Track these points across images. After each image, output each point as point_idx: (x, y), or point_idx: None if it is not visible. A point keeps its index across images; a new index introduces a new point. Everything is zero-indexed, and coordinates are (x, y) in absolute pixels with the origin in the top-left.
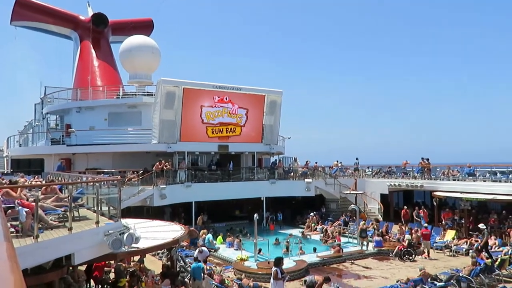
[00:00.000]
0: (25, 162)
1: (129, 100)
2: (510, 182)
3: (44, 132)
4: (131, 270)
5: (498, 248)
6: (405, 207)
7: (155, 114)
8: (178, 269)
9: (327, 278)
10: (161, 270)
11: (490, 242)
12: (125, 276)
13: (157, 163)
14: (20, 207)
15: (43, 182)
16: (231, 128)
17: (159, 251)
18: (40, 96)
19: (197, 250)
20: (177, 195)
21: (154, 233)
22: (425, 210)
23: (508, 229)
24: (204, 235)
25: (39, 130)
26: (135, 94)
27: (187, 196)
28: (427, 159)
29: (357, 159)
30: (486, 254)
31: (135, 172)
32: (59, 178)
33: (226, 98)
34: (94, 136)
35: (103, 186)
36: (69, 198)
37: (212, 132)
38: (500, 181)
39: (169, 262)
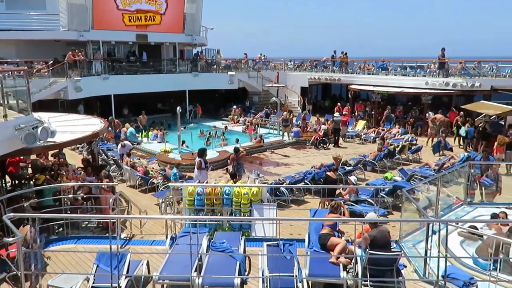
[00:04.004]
0: None
1: None
2: (417, 76)
3: None
4: (49, 165)
5: (401, 136)
6: (338, 103)
7: None
8: (100, 163)
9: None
10: (82, 164)
11: (394, 130)
12: (42, 171)
13: (70, 53)
14: None
15: None
16: (150, 16)
17: (79, 145)
18: None
19: (119, 145)
20: (93, 88)
21: (72, 127)
22: (347, 105)
23: (411, 119)
24: (126, 129)
25: None
26: None
27: (104, 89)
28: (346, 53)
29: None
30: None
31: (44, 63)
32: None
33: None
34: None
35: (8, 78)
36: None
37: (129, 20)
38: (408, 75)
39: (89, 156)
